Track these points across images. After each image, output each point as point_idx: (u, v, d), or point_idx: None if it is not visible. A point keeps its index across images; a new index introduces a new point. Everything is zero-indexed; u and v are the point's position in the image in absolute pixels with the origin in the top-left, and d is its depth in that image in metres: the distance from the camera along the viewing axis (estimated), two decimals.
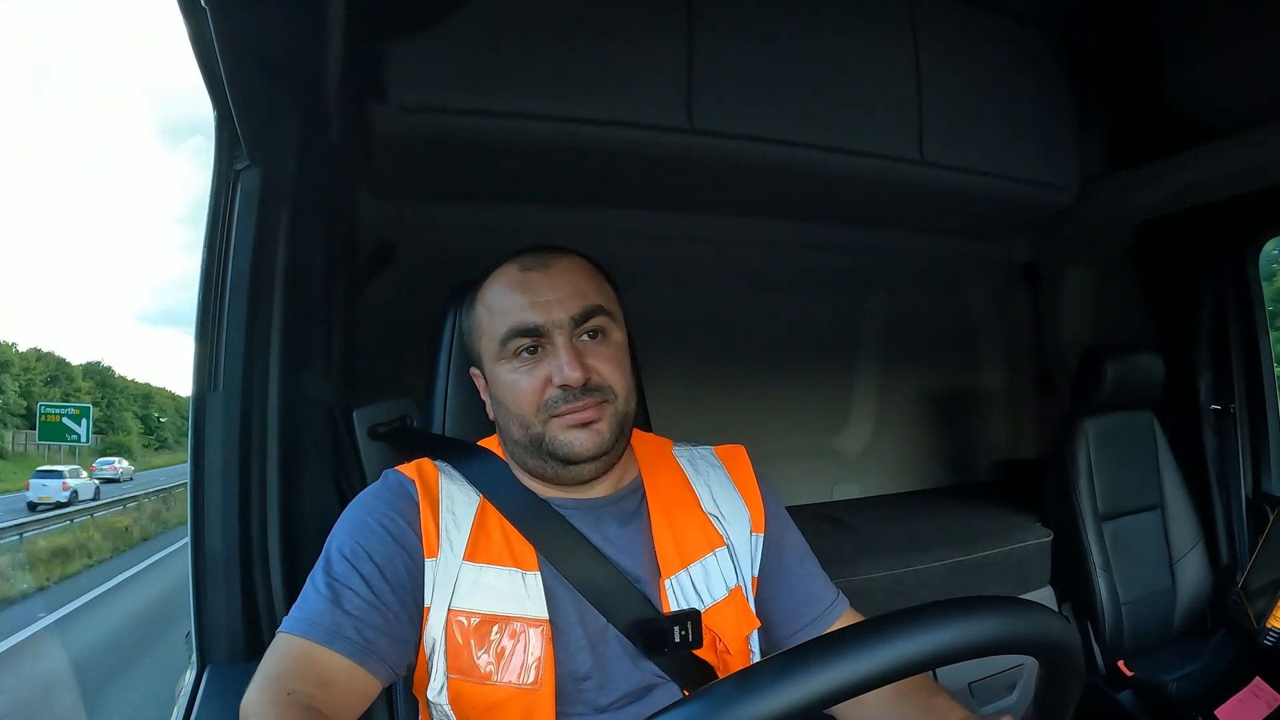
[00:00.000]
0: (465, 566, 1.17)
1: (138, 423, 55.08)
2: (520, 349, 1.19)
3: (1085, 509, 2.76)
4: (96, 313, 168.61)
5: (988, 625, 0.69)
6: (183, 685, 1.46)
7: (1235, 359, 3.08)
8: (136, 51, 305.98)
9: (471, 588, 1.16)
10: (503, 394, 1.23)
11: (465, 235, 2.53)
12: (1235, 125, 2.56)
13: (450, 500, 1.24)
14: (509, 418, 1.23)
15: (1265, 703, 2.31)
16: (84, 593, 12.87)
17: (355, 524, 1.18)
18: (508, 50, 2.03)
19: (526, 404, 1.19)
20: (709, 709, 0.63)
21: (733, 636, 1.26)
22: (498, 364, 1.22)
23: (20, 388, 45.20)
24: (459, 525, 1.21)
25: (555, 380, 1.17)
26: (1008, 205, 3.01)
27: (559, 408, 1.18)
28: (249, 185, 1.49)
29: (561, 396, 1.18)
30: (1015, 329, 3.72)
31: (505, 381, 1.21)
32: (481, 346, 1.26)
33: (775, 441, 1.70)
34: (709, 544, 1.29)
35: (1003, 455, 3.84)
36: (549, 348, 1.19)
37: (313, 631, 1.05)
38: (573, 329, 1.19)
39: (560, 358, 1.17)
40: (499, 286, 1.24)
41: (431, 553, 1.16)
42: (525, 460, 1.25)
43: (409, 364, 1.83)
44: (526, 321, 1.18)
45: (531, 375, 1.19)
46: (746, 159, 2.36)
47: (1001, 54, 2.74)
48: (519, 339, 1.19)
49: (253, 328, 1.48)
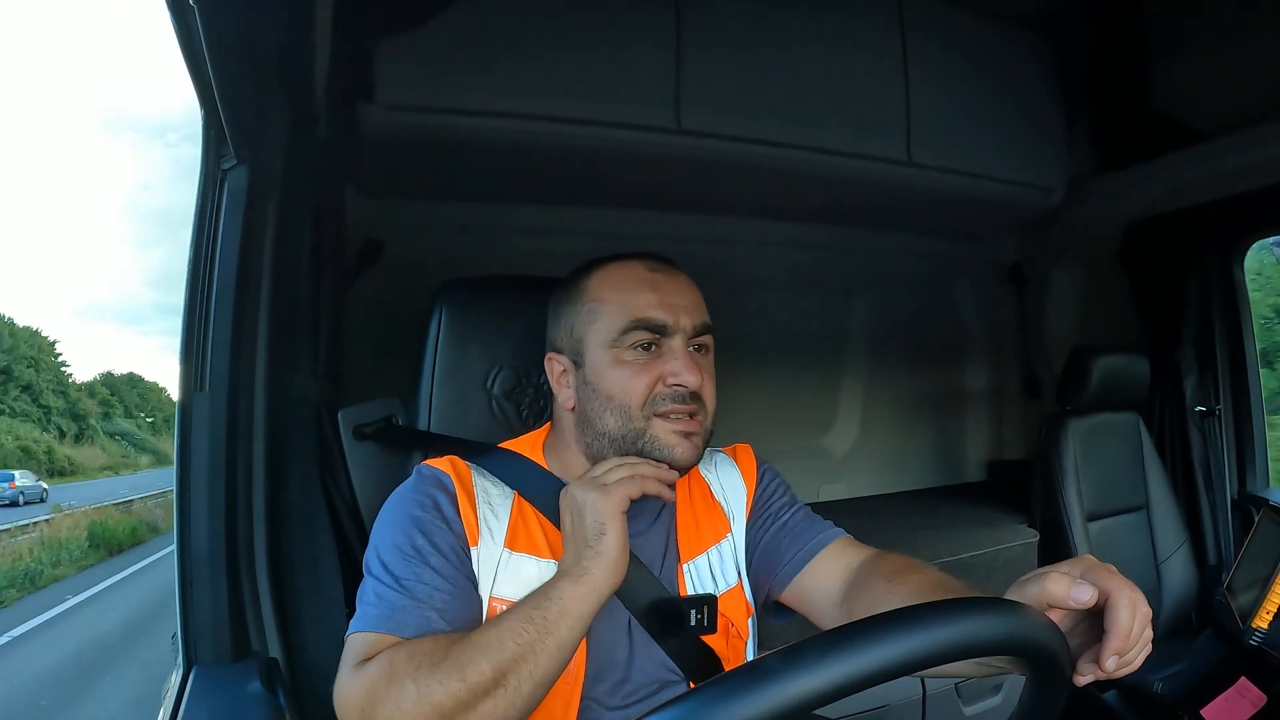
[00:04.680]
0: (505, 554, 1.19)
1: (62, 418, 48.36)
2: (640, 342, 1.21)
3: (1071, 509, 2.77)
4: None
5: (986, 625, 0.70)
6: (169, 686, 1.45)
7: (1220, 360, 3.10)
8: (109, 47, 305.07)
9: (511, 576, 1.17)
10: (607, 382, 1.23)
11: (453, 234, 2.54)
12: (1221, 128, 2.57)
13: (485, 492, 1.25)
14: (607, 408, 1.23)
15: (1250, 702, 2.32)
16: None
17: (406, 518, 1.18)
18: (496, 49, 2.03)
19: (635, 397, 1.21)
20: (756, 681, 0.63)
21: (742, 622, 1.29)
22: (607, 352, 1.23)
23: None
24: (497, 515, 1.22)
25: (670, 380, 1.20)
26: (995, 207, 3.02)
27: (666, 406, 1.20)
28: (236, 184, 1.48)
29: (671, 396, 1.20)
30: (1002, 330, 3.74)
31: (614, 371, 1.22)
32: (590, 331, 1.26)
33: (761, 441, 1.69)
34: (722, 530, 1.34)
35: (989, 456, 3.85)
36: (667, 349, 1.21)
37: (401, 629, 1.05)
38: (690, 337, 1.22)
39: (681, 360, 1.20)
40: (624, 277, 1.26)
41: (474, 540, 1.17)
42: (606, 454, 1.24)
43: (395, 363, 1.83)
44: (655, 318, 1.21)
45: (646, 370, 1.21)
46: (734, 160, 2.36)
47: (989, 56, 2.75)
48: (643, 332, 1.21)
49: (239, 327, 1.47)
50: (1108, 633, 0.82)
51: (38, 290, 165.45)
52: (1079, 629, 0.88)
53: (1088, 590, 0.82)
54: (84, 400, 54.23)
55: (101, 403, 57.63)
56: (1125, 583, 0.85)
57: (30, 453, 39.91)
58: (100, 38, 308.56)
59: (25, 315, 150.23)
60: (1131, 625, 0.82)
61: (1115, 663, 0.83)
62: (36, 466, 38.17)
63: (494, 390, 1.58)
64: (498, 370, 1.59)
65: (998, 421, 3.85)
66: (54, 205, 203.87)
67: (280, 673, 1.42)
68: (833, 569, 1.27)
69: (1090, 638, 0.87)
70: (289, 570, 1.55)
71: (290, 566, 1.55)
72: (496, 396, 1.58)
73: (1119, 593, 0.83)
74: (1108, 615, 0.83)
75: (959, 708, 2.51)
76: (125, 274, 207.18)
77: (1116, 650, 0.82)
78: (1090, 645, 0.86)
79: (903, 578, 1.13)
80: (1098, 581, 0.84)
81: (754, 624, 1.36)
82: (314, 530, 1.59)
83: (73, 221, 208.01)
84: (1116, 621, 0.82)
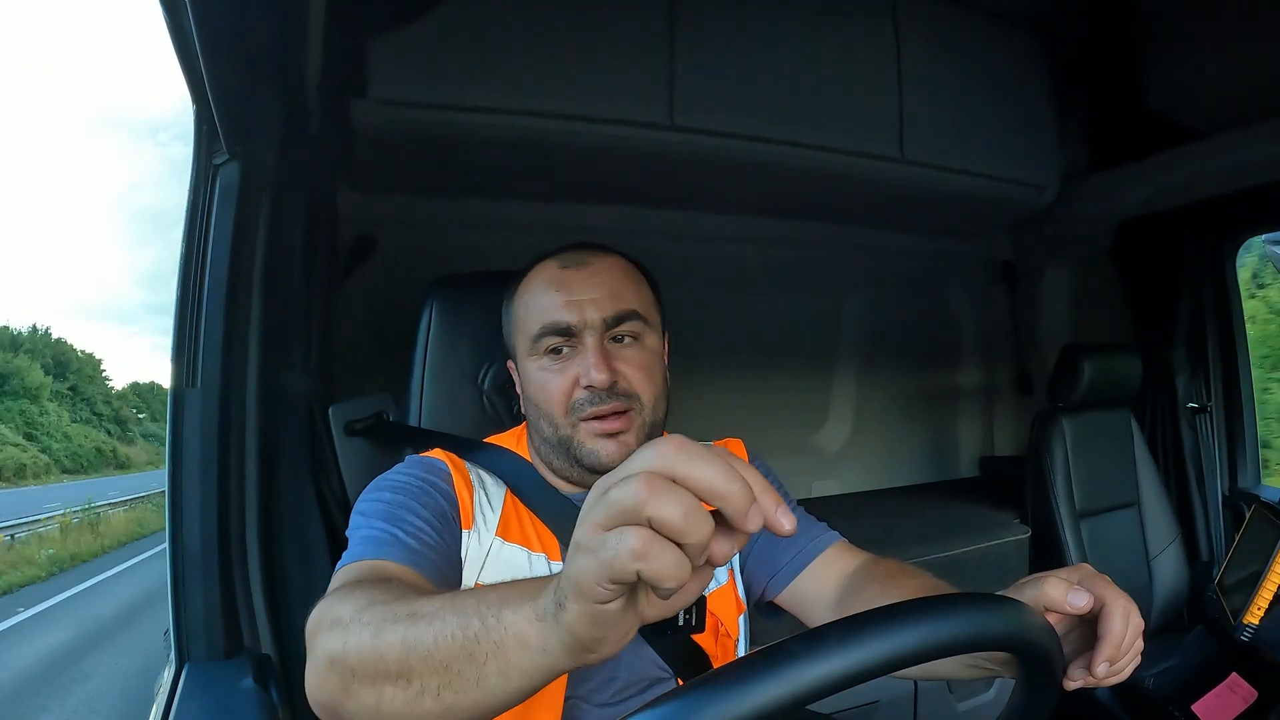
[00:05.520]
0: (498, 543, 1.19)
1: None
2: (551, 347, 1.21)
3: (1063, 506, 2.78)
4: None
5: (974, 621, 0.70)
6: (162, 683, 1.45)
7: (1212, 358, 3.12)
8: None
9: (499, 565, 1.17)
10: (533, 391, 1.24)
11: (445, 230, 2.53)
12: (1214, 126, 2.57)
13: (481, 480, 1.25)
14: (539, 415, 1.24)
15: (1241, 698, 2.33)
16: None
17: (393, 485, 1.17)
18: (489, 45, 2.02)
19: (555, 404, 1.20)
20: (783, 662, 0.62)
21: (731, 621, 1.28)
22: (529, 360, 1.24)
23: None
24: (492, 504, 1.22)
25: (582, 381, 1.18)
26: (987, 204, 3.02)
27: (585, 410, 1.19)
28: (228, 179, 1.47)
29: (588, 398, 1.19)
30: (994, 327, 3.74)
31: (535, 379, 1.23)
32: (516, 341, 1.27)
33: (753, 438, 1.69)
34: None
35: (981, 452, 3.86)
36: (579, 348, 1.20)
37: (370, 552, 1.03)
38: (604, 331, 1.20)
39: (588, 359, 1.18)
40: (537, 282, 1.25)
41: (468, 523, 1.17)
42: (551, 460, 1.26)
43: (386, 360, 1.83)
44: (559, 320, 1.19)
45: (561, 375, 1.20)
46: (727, 156, 2.36)
47: (982, 54, 2.75)
48: (550, 337, 1.20)
49: (231, 323, 1.47)
50: (1101, 639, 0.85)
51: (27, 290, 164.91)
52: (1071, 635, 0.90)
53: (1084, 596, 0.84)
54: (124, 407, 62.66)
55: (133, 408, 65.14)
56: (1120, 593, 0.87)
57: (101, 452, 49.64)
58: (92, 35, 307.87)
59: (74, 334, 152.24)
60: (1124, 634, 0.85)
61: (1106, 669, 0.85)
62: (105, 462, 48.75)
63: (485, 386, 1.59)
64: (489, 366, 1.59)
65: (990, 418, 3.85)
66: (43, 204, 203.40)
67: (273, 669, 1.42)
68: (829, 573, 1.28)
69: (1082, 645, 0.89)
70: (281, 567, 1.55)
71: (282, 563, 1.55)
72: (488, 392, 1.59)
73: (1114, 602, 0.85)
74: (1101, 623, 0.85)
75: (951, 704, 2.52)
76: (114, 273, 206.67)
77: (1108, 657, 0.84)
78: (1081, 652, 0.88)
79: (897, 582, 1.14)
80: (1094, 589, 0.86)
81: (745, 622, 1.35)
82: (306, 526, 1.59)
83: (62, 220, 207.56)
84: (1110, 629, 0.84)
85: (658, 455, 0.60)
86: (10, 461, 38.41)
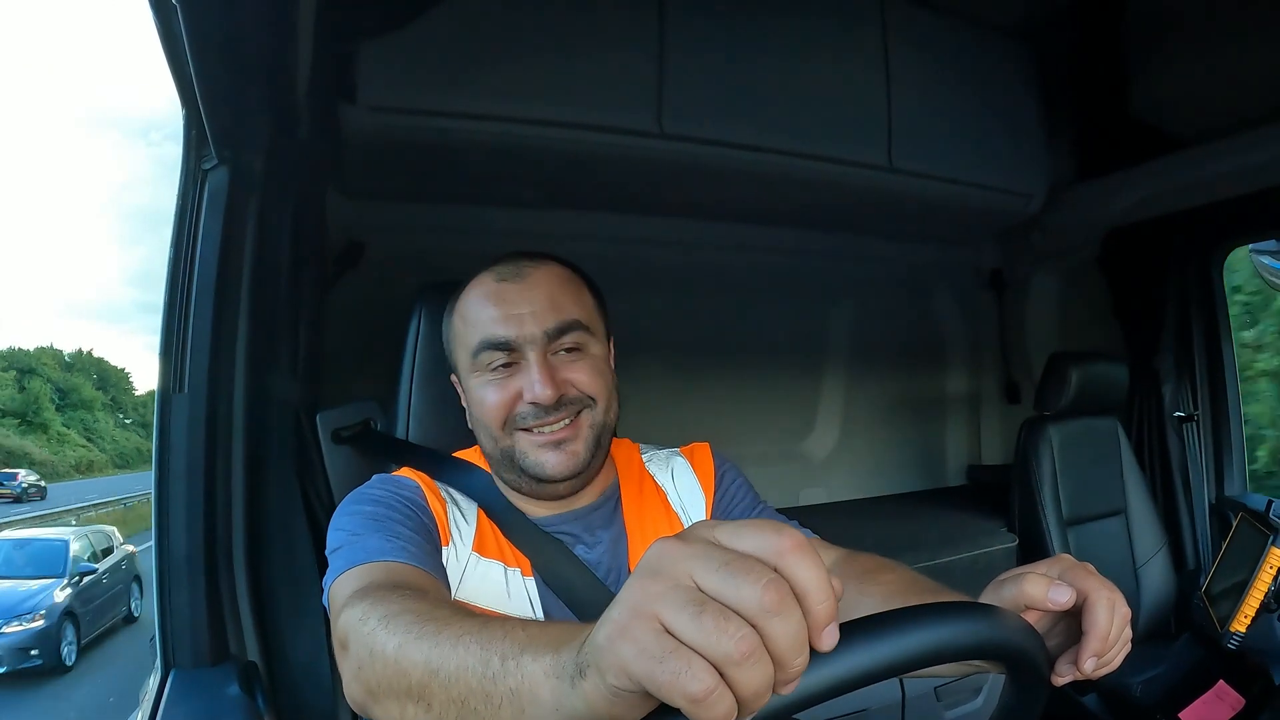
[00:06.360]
0: (474, 558, 1.18)
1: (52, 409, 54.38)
2: (492, 363, 1.19)
3: (1050, 514, 2.79)
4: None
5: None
6: (147, 689, 1.45)
7: (1199, 366, 3.14)
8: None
9: (477, 580, 1.17)
10: (474, 406, 1.23)
11: (434, 236, 2.52)
12: (1201, 136, 2.59)
13: (452, 497, 1.24)
14: (480, 429, 1.24)
15: (1229, 705, 2.33)
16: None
17: (373, 499, 1.16)
18: (478, 52, 2.02)
19: (493, 418, 1.19)
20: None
21: None
22: (470, 375, 1.22)
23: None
24: (466, 519, 1.22)
25: (526, 396, 1.17)
26: (975, 213, 3.03)
27: (528, 423, 1.17)
28: (216, 184, 1.47)
29: (532, 413, 1.17)
30: (982, 335, 3.75)
31: (476, 394, 1.21)
32: (457, 356, 1.26)
33: (740, 445, 1.68)
34: None
35: (969, 461, 3.86)
36: (522, 363, 1.18)
37: (367, 557, 1.02)
38: (546, 344, 1.18)
39: (532, 374, 1.16)
40: (474, 296, 1.23)
41: (445, 539, 1.16)
42: (501, 472, 1.25)
43: (374, 365, 1.82)
44: (498, 335, 1.17)
45: (502, 389, 1.18)
46: (715, 164, 2.36)
47: (971, 63, 2.76)
48: (490, 353, 1.18)
49: (219, 329, 1.46)
50: (1086, 634, 0.82)
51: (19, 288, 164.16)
52: (1057, 629, 0.87)
53: (1065, 592, 0.80)
54: (149, 413, 64.96)
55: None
56: (1103, 582, 0.84)
57: (140, 451, 54.11)
58: (83, 36, 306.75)
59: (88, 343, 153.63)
60: (1110, 626, 0.82)
61: (1094, 664, 0.82)
62: (143, 460, 50.28)
63: None
64: None
65: (977, 426, 3.86)
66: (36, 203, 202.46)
67: (259, 676, 1.41)
68: None
69: (1069, 638, 0.86)
70: (268, 573, 1.54)
71: (269, 570, 1.54)
72: None
73: (1097, 593, 0.82)
74: (1086, 616, 0.82)
75: (939, 712, 2.52)
76: (106, 272, 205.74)
77: (1095, 651, 0.81)
78: (1069, 645, 0.85)
79: (874, 578, 1.11)
80: (1075, 582, 0.83)
81: None
82: (293, 533, 1.58)
83: (54, 220, 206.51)
84: (1095, 623, 0.81)
85: (790, 554, 0.54)
86: (82, 459, 48.83)
